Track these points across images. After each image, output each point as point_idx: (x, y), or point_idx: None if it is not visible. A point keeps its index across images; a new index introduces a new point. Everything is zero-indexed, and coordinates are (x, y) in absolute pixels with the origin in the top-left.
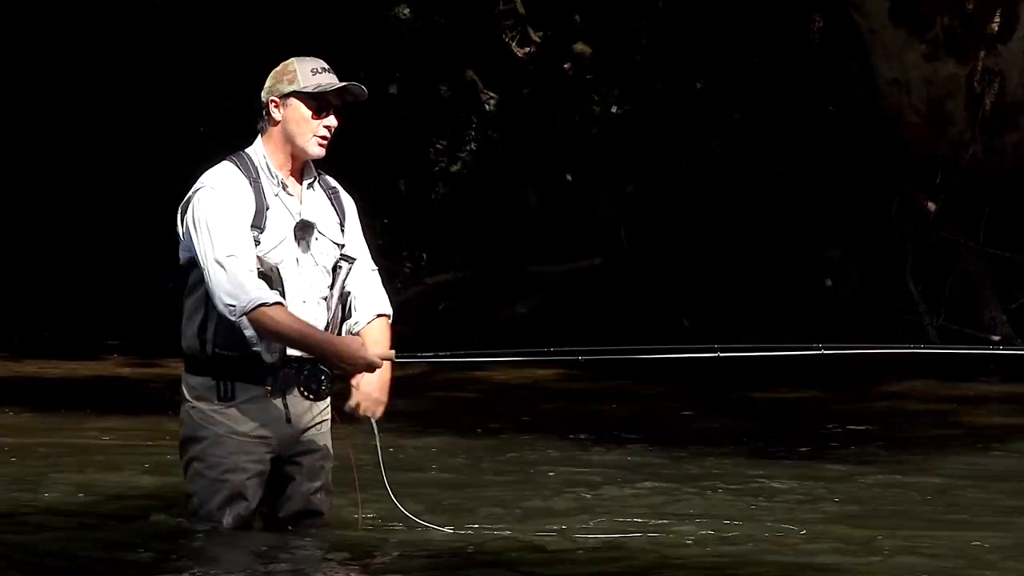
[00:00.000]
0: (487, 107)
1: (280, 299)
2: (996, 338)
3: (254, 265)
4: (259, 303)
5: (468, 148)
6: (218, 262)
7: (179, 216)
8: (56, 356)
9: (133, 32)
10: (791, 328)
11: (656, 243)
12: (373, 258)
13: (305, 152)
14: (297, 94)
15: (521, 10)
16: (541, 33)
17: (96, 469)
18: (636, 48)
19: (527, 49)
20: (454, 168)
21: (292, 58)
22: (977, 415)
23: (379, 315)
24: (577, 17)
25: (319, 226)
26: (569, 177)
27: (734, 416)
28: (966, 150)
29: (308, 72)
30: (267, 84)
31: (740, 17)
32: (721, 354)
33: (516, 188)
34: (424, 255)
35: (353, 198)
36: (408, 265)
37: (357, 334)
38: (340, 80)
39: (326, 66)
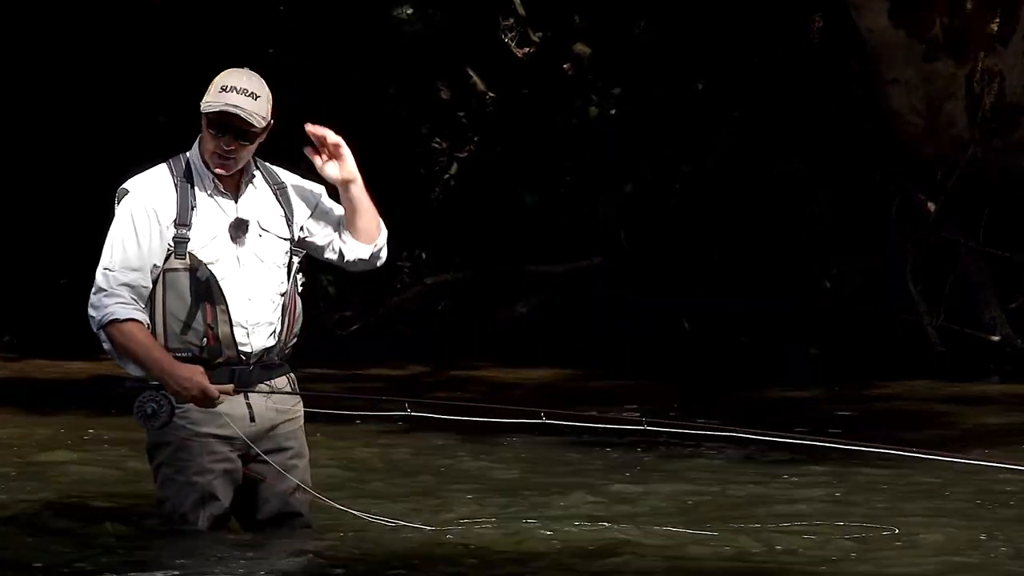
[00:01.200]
0: (486, 107)
1: (136, 316)
2: (996, 338)
3: (137, 281)
4: (111, 318)
5: (468, 148)
6: (97, 273)
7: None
8: (57, 356)
9: (136, 30)
10: (791, 328)
11: (656, 243)
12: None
13: (208, 166)
14: (202, 112)
15: (521, 10)
16: (541, 33)
17: (95, 469)
18: (636, 48)
19: (527, 49)
20: (454, 168)
21: (227, 70)
22: (977, 415)
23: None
24: (577, 17)
25: (261, 223)
26: (569, 177)
27: (734, 416)
28: (966, 150)
29: (217, 89)
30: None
31: (740, 17)
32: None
33: (516, 188)
34: (424, 255)
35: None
36: (408, 265)
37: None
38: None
39: (241, 85)
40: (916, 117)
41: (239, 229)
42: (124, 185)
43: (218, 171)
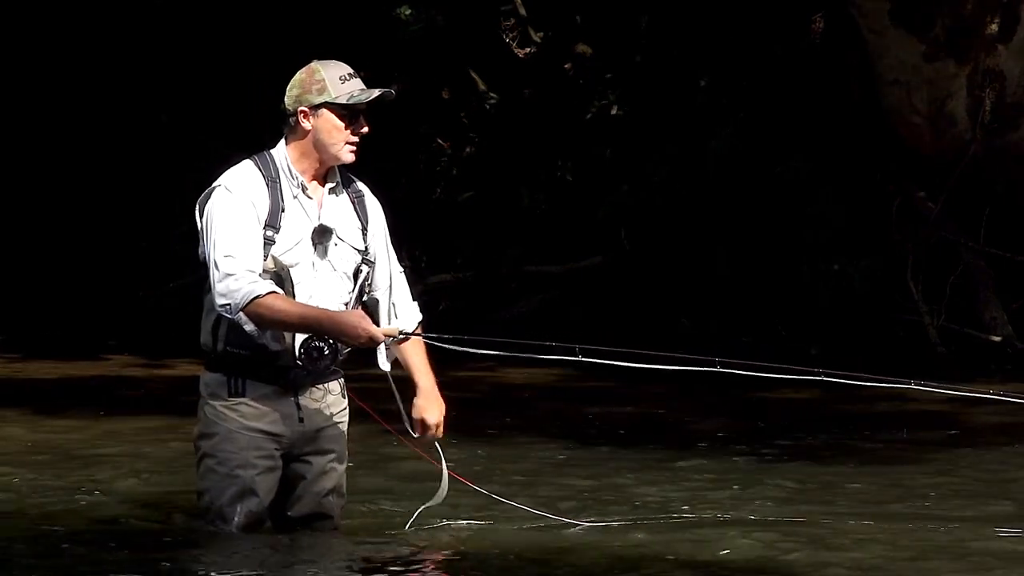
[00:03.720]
0: (487, 107)
1: (274, 288)
2: (997, 338)
3: (255, 266)
4: (252, 296)
5: (468, 148)
6: (216, 262)
7: (196, 213)
8: (59, 356)
9: (136, 30)
10: (792, 328)
11: (656, 243)
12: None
13: (338, 159)
14: (328, 105)
15: (522, 10)
16: (542, 33)
17: (101, 470)
18: (636, 48)
19: (528, 49)
20: (455, 168)
21: (314, 63)
22: (977, 415)
23: (401, 331)
24: (578, 17)
25: (339, 231)
26: (570, 177)
27: (734, 416)
28: (966, 150)
29: (337, 81)
30: (293, 93)
31: (741, 18)
32: (721, 368)
33: (517, 188)
34: (424, 255)
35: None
36: (408, 265)
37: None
38: (364, 83)
39: (351, 71)
40: (916, 117)
41: (322, 236)
42: (217, 182)
43: (352, 160)
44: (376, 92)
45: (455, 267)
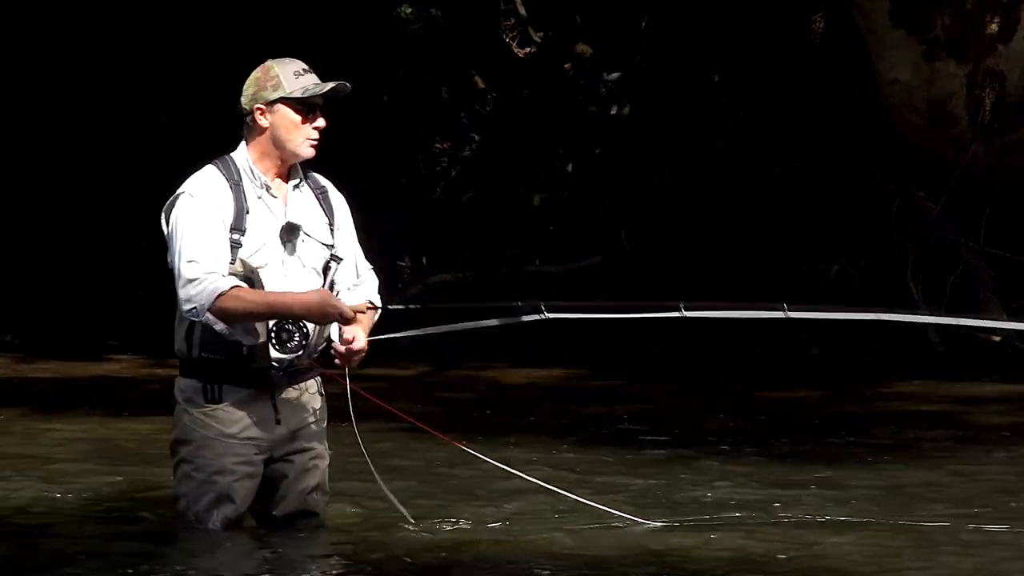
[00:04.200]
0: (487, 107)
1: (237, 282)
2: (996, 338)
3: (220, 268)
4: (216, 294)
5: (468, 148)
6: (179, 269)
7: (163, 221)
8: (59, 356)
9: (137, 30)
10: (792, 328)
11: (656, 243)
12: (374, 257)
13: (297, 155)
14: (284, 100)
15: (522, 10)
16: (542, 33)
17: (100, 470)
18: (637, 48)
19: (528, 49)
20: (455, 168)
21: (269, 61)
22: (977, 415)
23: (370, 303)
24: (578, 17)
25: (305, 227)
26: (570, 177)
27: (734, 416)
28: (966, 150)
29: (291, 76)
30: (249, 91)
31: (741, 18)
32: (686, 313)
33: (517, 188)
34: (425, 255)
35: (353, 197)
36: (408, 265)
37: None
38: (320, 77)
39: (306, 67)
40: (916, 117)
41: (290, 233)
42: (180, 189)
43: (310, 155)
44: (330, 84)
45: (455, 267)
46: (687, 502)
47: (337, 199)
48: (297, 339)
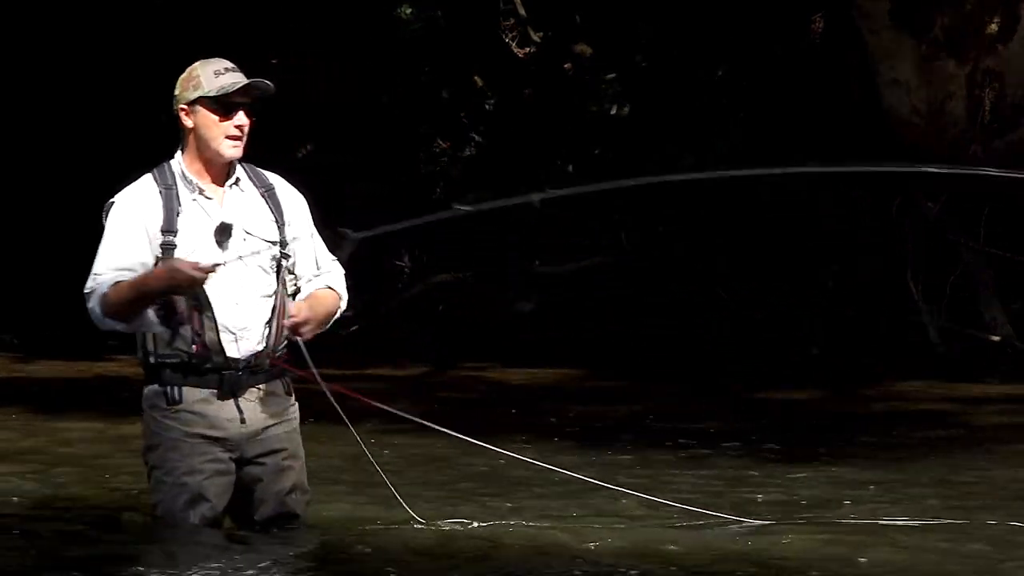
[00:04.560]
0: (487, 107)
1: (118, 279)
2: (996, 338)
3: (124, 276)
4: (101, 298)
5: (468, 148)
6: (86, 287)
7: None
8: (59, 356)
9: (136, 30)
10: (793, 328)
11: (657, 243)
12: (374, 257)
13: (220, 155)
14: (202, 99)
15: (521, 10)
16: (541, 33)
17: (99, 469)
18: (637, 48)
19: (527, 49)
20: (455, 168)
21: (196, 62)
22: (977, 415)
23: (328, 286)
24: (577, 17)
25: (246, 226)
26: (570, 177)
27: (733, 416)
28: (966, 150)
29: (211, 75)
30: (175, 93)
31: (741, 18)
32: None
33: (517, 188)
34: (425, 255)
35: (354, 197)
36: (409, 265)
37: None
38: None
39: (230, 65)
40: (916, 117)
41: (223, 233)
42: (115, 196)
43: (233, 155)
44: (243, 81)
45: (455, 267)
46: (746, 502)
47: (287, 195)
48: (175, 316)
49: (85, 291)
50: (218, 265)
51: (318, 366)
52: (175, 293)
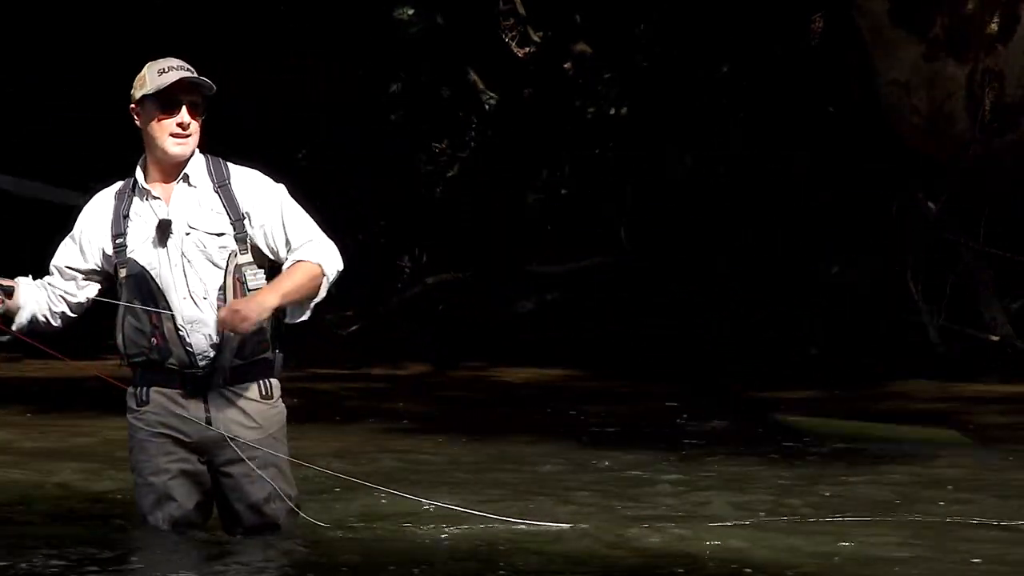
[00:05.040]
0: (487, 107)
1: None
2: (996, 338)
3: (57, 278)
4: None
5: (468, 148)
6: None
7: None
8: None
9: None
10: (793, 328)
11: (657, 243)
12: (374, 257)
13: (165, 153)
14: (145, 97)
15: (521, 10)
16: (541, 33)
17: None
18: (637, 48)
19: (527, 49)
20: (454, 168)
21: (148, 62)
22: (977, 415)
23: (298, 260)
24: (577, 17)
25: (190, 221)
26: (570, 177)
27: (733, 417)
28: (966, 150)
29: (155, 73)
30: (131, 93)
31: (741, 17)
32: None
33: (517, 188)
34: (424, 255)
35: (353, 197)
36: (408, 265)
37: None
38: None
39: (176, 64)
40: (916, 117)
41: (164, 230)
42: (86, 202)
43: (177, 152)
44: (176, 76)
45: (455, 267)
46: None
47: (245, 187)
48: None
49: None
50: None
51: (319, 364)
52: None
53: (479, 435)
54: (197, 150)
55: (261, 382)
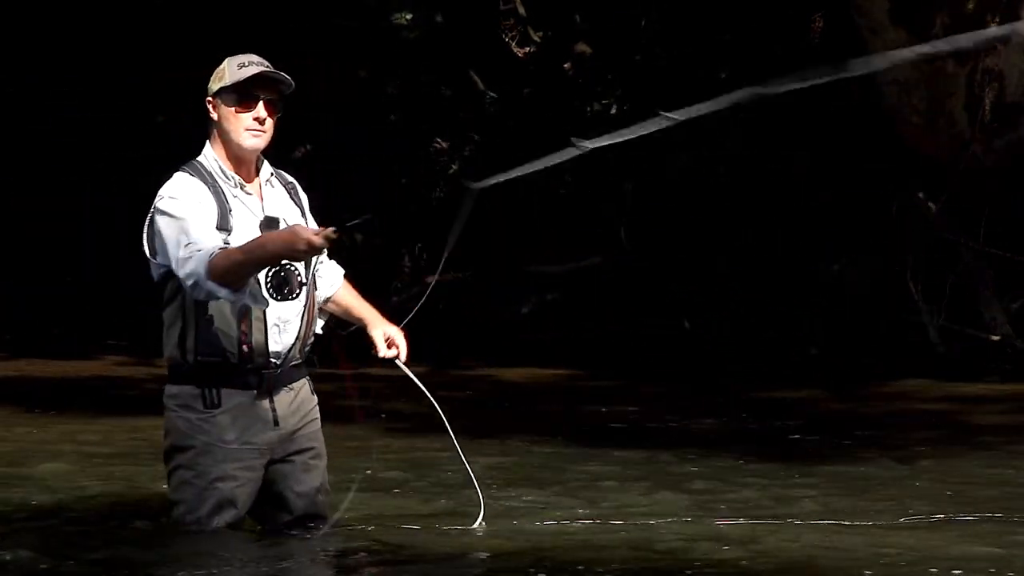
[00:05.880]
0: (487, 107)
1: (221, 244)
2: (996, 338)
3: (209, 243)
4: (207, 259)
5: (468, 148)
6: (176, 259)
7: (144, 235)
8: (59, 356)
9: (135, 30)
10: (793, 328)
11: (657, 243)
12: (374, 257)
13: (240, 147)
14: (223, 90)
15: (521, 10)
16: (541, 33)
17: (98, 470)
18: (637, 48)
19: (527, 49)
20: (454, 168)
21: (227, 57)
22: (977, 415)
23: (343, 284)
24: (577, 17)
25: (285, 220)
26: (569, 178)
27: (733, 417)
28: (966, 150)
29: (235, 67)
30: (207, 87)
31: (741, 17)
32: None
33: (517, 188)
34: (424, 255)
35: (354, 198)
36: (408, 265)
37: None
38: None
39: (256, 59)
40: (916, 117)
41: (270, 227)
42: (162, 194)
43: (253, 145)
44: (256, 70)
45: (455, 267)
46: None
47: (303, 193)
48: (293, 284)
49: (182, 257)
50: (338, 232)
51: (319, 364)
52: (291, 259)
53: (479, 435)
54: None
55: (308, 378)
